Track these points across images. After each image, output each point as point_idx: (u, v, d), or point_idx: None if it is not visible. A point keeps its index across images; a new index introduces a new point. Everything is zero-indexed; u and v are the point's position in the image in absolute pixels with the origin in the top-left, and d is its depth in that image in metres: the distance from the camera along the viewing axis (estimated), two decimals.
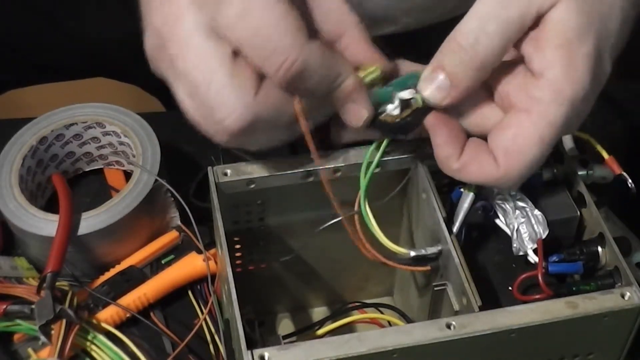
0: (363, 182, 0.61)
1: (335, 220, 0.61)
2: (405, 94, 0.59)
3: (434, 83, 0.58)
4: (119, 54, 0.59)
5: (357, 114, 0.59)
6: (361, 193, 0.61)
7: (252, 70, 0.57)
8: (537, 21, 0.56)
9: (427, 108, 0.59)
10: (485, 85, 0.59)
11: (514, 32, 0.56)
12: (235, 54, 0.56)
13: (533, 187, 0.65)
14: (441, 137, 0.59)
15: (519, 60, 0.58)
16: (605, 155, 0.64)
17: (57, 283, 0.70)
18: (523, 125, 0.57)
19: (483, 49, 0.56)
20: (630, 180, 0.64)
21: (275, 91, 0.57)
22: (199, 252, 0.74)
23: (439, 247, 0.63)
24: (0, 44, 0.91)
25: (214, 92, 0.56)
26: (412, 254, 0.63)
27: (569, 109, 0.56)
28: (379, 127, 0.60)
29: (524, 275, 0.61)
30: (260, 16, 0.55)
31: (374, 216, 0.61)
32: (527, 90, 0.57)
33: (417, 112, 0.59)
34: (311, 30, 0.59)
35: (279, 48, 0.55)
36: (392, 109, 0.60)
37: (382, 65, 0.61)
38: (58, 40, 0.92)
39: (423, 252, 0.63)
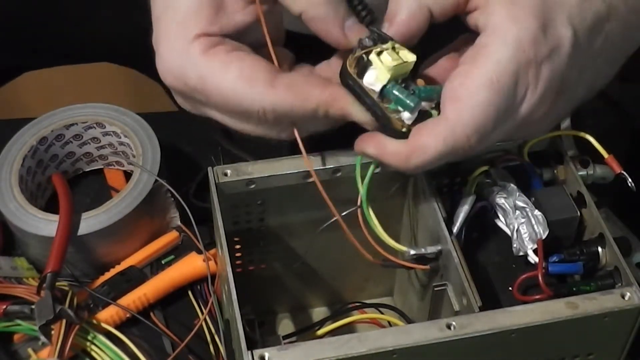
0: (368, 173, 0.60)
1: (333, 219, 0.60)
2: (426, 106, 0.57)
3: None
4: (129, 45, 0.60)
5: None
6: (362, 188, 0.60)
7: None
8: None
9: None
10: None
11: None
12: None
13: (533, 187, 0.65)
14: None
15: None
16: (605, 154, 0.63)
17: (57, 283, 0.70)
18: (470, 72, 0.55)
19: None
20: (630, 180, 0.64)
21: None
22: (199, 252, 0.74)
23: (439, 247, 0.62)
24: (17, 32, 0.92)
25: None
26: (412, 252, 0.62)
27: (517, 49, 0.54)
28: (382, 123, 0.57)
29: (524, 276, 0.61)
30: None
31: (375, 216, 0.61)
32: (473, 45, 0.56)
33: None
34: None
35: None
36: (408, 117, 0.57)
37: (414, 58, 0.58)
38: (70, 31, 0.93)
39: (423, 250, 0.63)
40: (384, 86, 0.57)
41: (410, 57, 0.57)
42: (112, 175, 0.83)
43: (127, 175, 0.82)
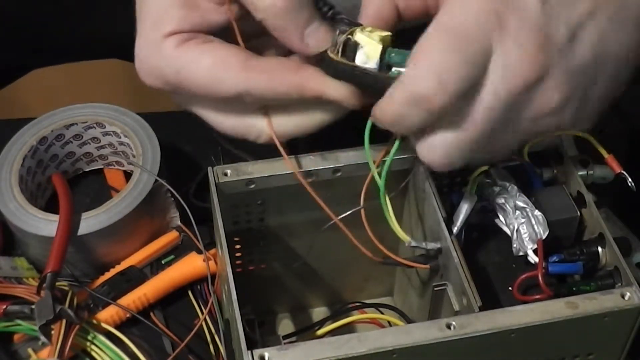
0: (387, 161, 0.59)
1: (332, 222, 0.60)
2: None
3: None
4: (130, 43, 0.61)
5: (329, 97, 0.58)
6: (381, 180, 0.59)
7: None
8: None
9: None
10: None
11: None
12: None
13: (533, 187, 0.65)
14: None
15: None
16: (605, 154, 0.63)
17: (57, 283, 0.70)
18: (426, 31, 0.55)
19: None
20: (630, 179, 0.64)
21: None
22: (199, 252, 0.74)
23: (439, 245, 0.62)
24: (18, 31, 0.92)
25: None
26: (413, 243, 0.62)
27: (472, 12, 0.53)
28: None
29: (524, 276, 0.61)
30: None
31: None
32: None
33: None
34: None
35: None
36: None
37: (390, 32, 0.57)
38: (70, 30, 0.93)
39: (423, 244, 0.63)
40: (382, 57, 0.56)
41: (386, 32, 0.57)
42: (112, 175, 0.83)
43: (127, 175, 0.82)
